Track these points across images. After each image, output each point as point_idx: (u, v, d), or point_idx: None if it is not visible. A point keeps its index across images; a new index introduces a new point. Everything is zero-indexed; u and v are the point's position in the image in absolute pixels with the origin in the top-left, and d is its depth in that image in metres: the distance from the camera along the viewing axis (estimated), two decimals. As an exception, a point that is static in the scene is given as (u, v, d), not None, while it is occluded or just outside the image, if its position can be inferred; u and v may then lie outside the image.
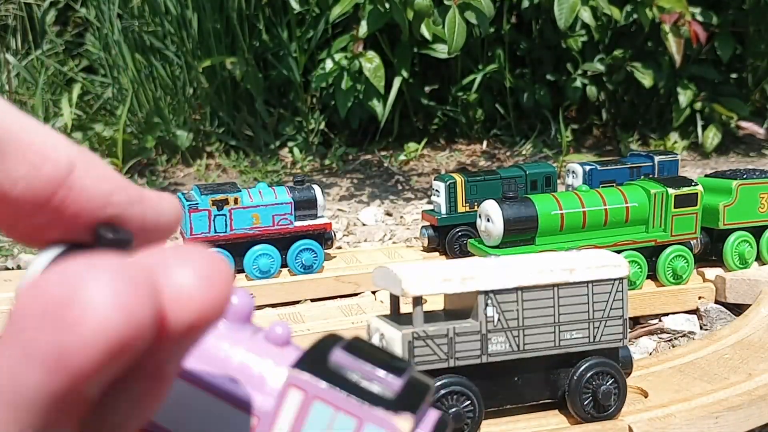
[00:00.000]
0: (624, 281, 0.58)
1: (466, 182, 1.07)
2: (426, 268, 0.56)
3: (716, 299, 0.91)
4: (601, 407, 0.58)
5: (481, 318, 0.55)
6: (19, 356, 0.15)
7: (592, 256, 0.59)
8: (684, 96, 1.93)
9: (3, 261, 1.19)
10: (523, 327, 0.56)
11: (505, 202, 0.85)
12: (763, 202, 0.94)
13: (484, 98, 2.04)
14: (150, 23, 1.93)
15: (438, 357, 0.54)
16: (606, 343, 0.58)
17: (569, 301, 0.57)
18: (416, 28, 1.50)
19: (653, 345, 0.84)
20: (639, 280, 0.89)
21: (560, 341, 0.57)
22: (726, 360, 0.70)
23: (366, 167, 1.89)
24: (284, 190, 1.01)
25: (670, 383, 0.65)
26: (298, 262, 0.99)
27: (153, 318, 0.16)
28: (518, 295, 0.56)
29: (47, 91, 2.03)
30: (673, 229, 0.89)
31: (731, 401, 0.61)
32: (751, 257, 0.94)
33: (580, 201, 0.87)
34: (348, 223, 1.41)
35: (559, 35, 2.00)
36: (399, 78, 1.81)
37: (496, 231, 0.85)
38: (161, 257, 0.18)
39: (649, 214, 0.89)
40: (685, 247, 0.90)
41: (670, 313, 0.90)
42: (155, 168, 1.83)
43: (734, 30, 2.02)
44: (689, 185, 0.90)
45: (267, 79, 1.96)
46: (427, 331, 0.54)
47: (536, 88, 2.04)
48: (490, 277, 0.55)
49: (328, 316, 0.82)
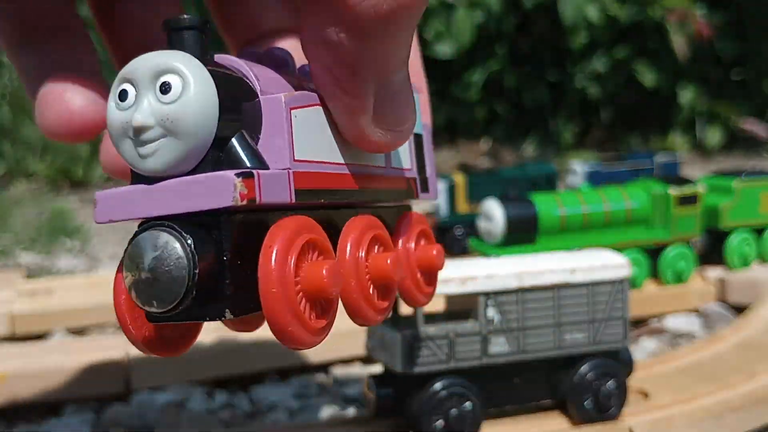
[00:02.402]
0: (625, 282, 0.58)
1: (466, 182, 1.07)
2: (426, 268, 0.56)
3: (717, 300, 0.91)
4: (602, 408, 0.57)
5: (481, 319, 0.55)
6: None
7: (594, 257, 0.59)
8: (685, 96, 1.92)
9: (3, 261, 1.19)
10: (523, 328, 0.56)
11: (507, 201, 0.85)
12: (765, 202, 0.94)
13: (484, 98, 2.04)
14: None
15: (438, 358, 0.54)
16: (607, 344, 0.58)
17: (570, 302, 0.57)
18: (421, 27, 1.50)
19: (654, 346, 0.84)
20: (640, 280, 0.89)
21: (561, 342, 0.57)
22: (727, 361, 0.70)
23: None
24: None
25: (672, 384, 0.65)
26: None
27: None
28: (519, 297, 0.55)
29: (47, 91, 2.03)
30: (674, 229, 0.89)
31: (733, 402, 0.61)
32: (752, 257, 0.94)
33: (581, 201, 0.87)
34: (348, 223, 1.41)
35: (560, 35, 2.00)
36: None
37: (497, 231, 0.84)
38: None
39: (650, 214, 0.89)
40: (686, 246, 0.90)
41: (671, 312, 0.90)
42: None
43: (736, 29, 2.02)
44: (690, 185, 0.90)
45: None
46: (427, 333, 0.54)
47: (537, 87, 2.04)
48: (491, 278, 0.55)
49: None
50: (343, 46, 0.27)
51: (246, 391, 0.75)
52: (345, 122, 0.30)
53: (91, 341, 0.78)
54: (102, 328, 0.89)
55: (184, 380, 0.73)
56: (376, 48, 0.28)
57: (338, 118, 0.30)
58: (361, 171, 0.32)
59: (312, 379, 0.76)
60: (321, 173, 0.29)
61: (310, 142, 0.29)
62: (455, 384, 0.55)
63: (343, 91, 0.29)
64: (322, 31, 0.27)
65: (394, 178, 0.35)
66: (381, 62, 0.28)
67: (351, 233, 0.30)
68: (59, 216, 1.36)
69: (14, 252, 1.20)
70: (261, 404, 0.72)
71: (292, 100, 0.28)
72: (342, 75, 0.28)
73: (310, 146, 0.29)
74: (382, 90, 0.29)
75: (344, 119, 0.30)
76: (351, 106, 0.29)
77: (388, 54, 0.28)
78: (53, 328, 0.87)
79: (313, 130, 0.29)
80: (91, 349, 0.75)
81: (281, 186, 0.27)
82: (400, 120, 0.31)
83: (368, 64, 0.28)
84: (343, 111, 0.29)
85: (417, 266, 0.36)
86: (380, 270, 0.31)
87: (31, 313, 0.86)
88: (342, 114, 0.30)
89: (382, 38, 0.27)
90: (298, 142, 0.28)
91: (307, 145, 0.29)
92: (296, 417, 0.70)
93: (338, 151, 0.31)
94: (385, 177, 0.34)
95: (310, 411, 0.70)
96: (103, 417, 0.69)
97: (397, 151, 0.35)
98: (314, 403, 0.71)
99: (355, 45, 0.27)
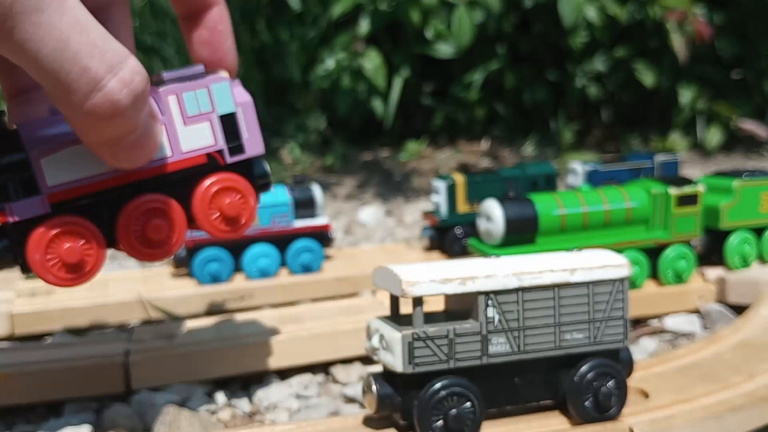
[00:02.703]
0: (625, 282, 0.58)
1: (466, 182, 1.07)
2: (426, 268, 0.56)
3: (717, 300, 0.91)
4: (601, 408, 0.57)
5: (481, 319, 0.55)
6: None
7: (593, 257, 0.59)
8: (685, 96, 1.92)
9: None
10: (523, 328, 0.56)
11: (506, 201, 0.85)
12: (764, 202, 0.94)
13: (484, 98, 2.04)
14: (150, 23, 1.93)
15: (438, 358, 0.54)
16: (607, 344, 0.58)
17: (570, 302, 0.57)
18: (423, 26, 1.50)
19: (654, 346, 0.84)
20: (640, 280, 0.89)
21: (561, 342, 0.57)
22: (727, 361, 0.70)
23: (366, 167, 1.88)
24: (284, 189, 1.01)
25: (672, 384, 0.65)
26: (298, 262, 0.99)
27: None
28: (519, 296, 0.55)
29: (47, 91, 2.03)
30: (674, 229, 0.89)
31: (733, 402, 0.61)
32: (752, 257, 0.94)
33: (581, 201, 0.87)
34: (348, 223, 1.40)
35: (560, 35, 2.00)
36: (400, 78, 1.81)
37: (497, 231, 0.84)
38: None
39: (650, 214, 0.89)
40: (686, 246, 0.90)
41: (671, 312, 0.90)
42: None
43: (736, 29, 2.02)
44: (690, 185, 0.90)
45: (267, 78, 1.96)
46: (427, 332, 0.54)
47: (537, 87, 2.04)
48: (491, 277, 0.55)
49: (327, 317, 0.82)
50: (80, 129, 0.44)
51: (246, 391, 0.75)
52: (100, 157, 0.48)
53: (91, 341, 0.78)
54: (102, 328, 0.89)
55: (184, 380, 0.73)
56: (104, 130, 0.44)
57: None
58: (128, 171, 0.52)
59: (312, 379, 0.76)
60: (77, 187, 0.50)
61: (64, 170, 0.49)
62: (455, 384, 0.55)
63: (90, 145, 0.47)
64: (67, 117, 0.44)
65: (185, 160, 0.54)
66: (110, 136, 0.45)
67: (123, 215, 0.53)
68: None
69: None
70: (261, 404, 0.72)
71: (41, 153, 0.48)
72: (87, 141, 0.46)
73: (64, 173, 0.49)
74: (119, 146, 0.46)
75: (99, 156, 0.48)
76: (99, 154, 0.47)
77: (114, 132, 0.44)
78: (53, 328, 0.87)
79: (70, 161, 0.49)
80: (91, 349, 0.75)
81: (36, 205, 0.49)
82: (136, 159, 0.48)
83: (100, 138, 0.45)
84: (96, 152, 0.47)
85: (215, 208, 0.56)
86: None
87: (31, 312, 0.86)
88: (96, 153, 0.48)
89: (106, 126, 0.44)
90: (49, 175, 0.49)
91: (61, 173, 0.49)
92: (296, 417, 0.70)
93: (102, 165, 0.50)
94: (172, 162, 0.53)
95: (310, 411, 0.70)
96: (103, 417, 0.69)
97: (189, 139, 0.54)
98: (314, 403, 0.71)
99: (86, 127, 0.44)
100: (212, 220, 0.56)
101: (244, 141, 0.57)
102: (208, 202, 0.56)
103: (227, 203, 0.56)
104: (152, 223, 0.53)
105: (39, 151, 0.48)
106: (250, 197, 0.57)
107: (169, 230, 0.54)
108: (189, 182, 0.55)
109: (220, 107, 0.55)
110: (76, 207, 0.51)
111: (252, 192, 0.57)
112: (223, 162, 0.56)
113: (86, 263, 0.50)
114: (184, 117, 0.54)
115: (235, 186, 0.57)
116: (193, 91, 0.54)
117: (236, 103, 0.56)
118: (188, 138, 0.54)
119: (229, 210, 0.56)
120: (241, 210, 0.57)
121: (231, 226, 0.57)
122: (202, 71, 0.55)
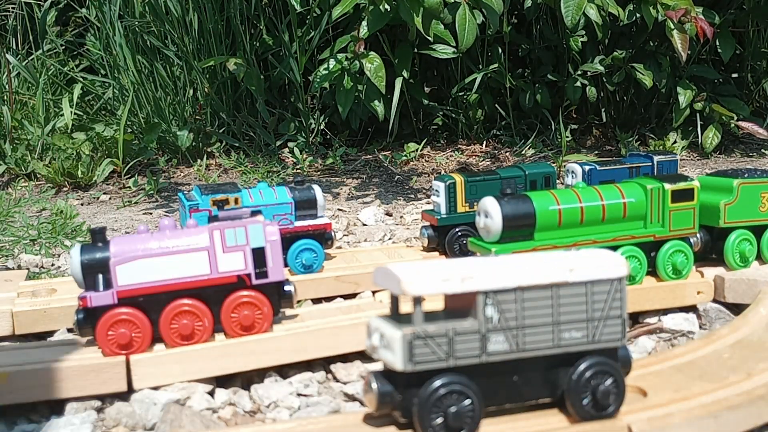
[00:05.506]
0: (623, 281, 0.58)
1: (465, 182, 1.07)
2: (426, 268, 0.56)
3: (715, 299, 0.91)
4: (600, 407, 0.58)
5: (480, 318, 0.55)
6: None
7: (591, 256, 0.59)
8: (684, 96, 1.92)
9: (3, 261, 1.20)
10: (522, 326, 0.56)
11: (504, 198, 0.85)
12: (764, 201, 0.94)
13: (484, 98, 2.04)
14: (151, 24, 1.93)
15: (438, 356, 0.54)
16: (605, 343, 0.58)
17: (568, 301, 0.57)
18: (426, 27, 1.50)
19: (652, 344, 0.84)
20: (639, 276, 0.89)
21: (559, 341, 0.57)
22: (725, 359, 0.70)
23: (366, 167, 1.89)
24: (285, 190, 1.01)
25: (670, 383, 0.65)
26: (299, 262, 0.99)
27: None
28: (517, 295, 0.56)
29: (48, 91, 2.03)
30: (671, 225, 0.89)
31: (730, 401, 0.61)
32: (752, 256, 0.94)
33: (577, 197, 0.87)
34: (348, 223, 1.41)
35: (559, 35, 2.00)
36: (400, 78, 1.81)
37: (494, 227, 0.85)
38: None
39: (646, 209, 0.89)
40: (685, 242, 0.90)
41: (669, 310, 0.90)
42: (156, 168, 1.83)
43: (734, 30, 2.02)
44: (685, 180, 0.90)
45: (268, 79, 1.96)
46: (427, 331, 0.54)
47: (536, 88, 2.04)
48: (490, 277, 0.55)
49: (328, 316, 0.82)
50: None
51: (247, 389, 0.75)
52: None
53: (91, 340, 0.79)
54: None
55: (185, 379, 0.73)
56: None
57: None
58: (178, 281, 0.74)
59: (312, 377, 0.76)
60: (138, 288, 0.72)
61: (132, 274, 0.72)
62: (454, 382, 0.55)
63: None
64: None
65: (220, 278, 0.74)
66: None
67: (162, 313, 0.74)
68: (60, 216, 1.36)
69: (14, 252, 1.20)
70: (262, 402, 0.72)
71: (117, 261, 0.72)
72: None
73: (131, 277, 0.72)
74: None
75: None
76: None
77: None
78: (54, 328, 0.87)
79: (136, 270, 0.73)
80: (91, 349, 0.75)
81: (107, 297, 0.72)
82: None
83: None
84: None
85: (235, 322, 0.75)
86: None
87: (32, 312, 0.87)
88: None
89: None
90: (121, 278, 0.72)
91: (129, 276, 0.72)
92: (297, 414, 0.70)
93: (162, 272, 0.73)
94: (209, 279, 0.74)
95: (311, 409, 0.70)
96: (104, 415, 0.69)
97: (226, 262, 0.75)
98: (314, 400, 0.72)
99: None
100: (232, 325, 0.75)
101: (269, 269, 0.76)
102: (230, 311, 0.75)
103: (244, 314, 0.75)
104: (182, 321, 0.73)
105: (116, 260, 0.72)
106: (266, 310, 0.76)
107: (193, 328, 0.74)
108: (221, 294, 0.74)
109: (253, 242, 0.75)
110: (136, 302, 0.72)
111: (270, 307, 0.76)
112: (250, 283, 0.75)
113: (134, 344, 0.72)
114: (224, 246, 0.74)
115: (254, 302, 0.75)
116: (233, 229, 0.75)
117: (267, 240, 0.76)
118: (225, 262, 0.74)
119: (244, 320, 0.75)
120: (255, 321, 0.75)
121: (246, 331, 0.75)
122: (248, 213, 0.78)
